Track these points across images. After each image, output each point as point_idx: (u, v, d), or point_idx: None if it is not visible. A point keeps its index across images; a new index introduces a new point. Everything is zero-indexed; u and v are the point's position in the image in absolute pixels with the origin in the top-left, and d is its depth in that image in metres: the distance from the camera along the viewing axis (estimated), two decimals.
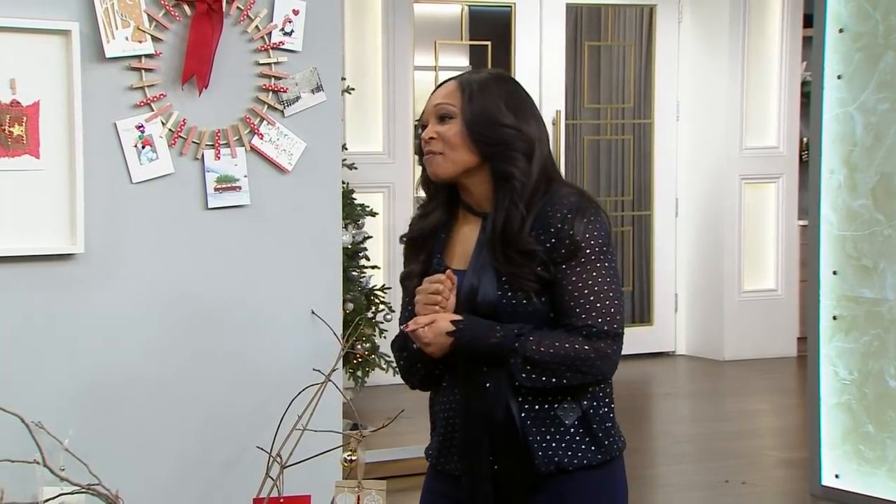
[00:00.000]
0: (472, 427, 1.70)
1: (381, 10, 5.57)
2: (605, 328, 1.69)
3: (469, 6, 6.02)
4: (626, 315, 6.44)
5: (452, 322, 1.68)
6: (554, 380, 1.68)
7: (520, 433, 1.68)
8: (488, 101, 1.72)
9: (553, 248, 1.69)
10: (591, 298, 1.68)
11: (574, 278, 1.68)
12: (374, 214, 4.99)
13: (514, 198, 1.70)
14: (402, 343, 1.81)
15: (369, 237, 4.93)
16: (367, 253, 4.92)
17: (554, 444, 1.68)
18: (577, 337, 1.67)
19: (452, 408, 1.75)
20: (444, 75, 6.10)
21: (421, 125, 1.79)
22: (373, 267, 4.94)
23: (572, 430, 1.69)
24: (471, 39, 6.05)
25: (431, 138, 1.74)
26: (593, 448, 1.70)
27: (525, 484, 1.69)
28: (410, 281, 1.81)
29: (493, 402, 1.68)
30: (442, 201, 1.80)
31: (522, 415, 1.68)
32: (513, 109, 1.73)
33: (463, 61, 6.42)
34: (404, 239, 1.86)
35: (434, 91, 1.82)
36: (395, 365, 4.64)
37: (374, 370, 4.79)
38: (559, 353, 1.66)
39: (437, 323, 1.69)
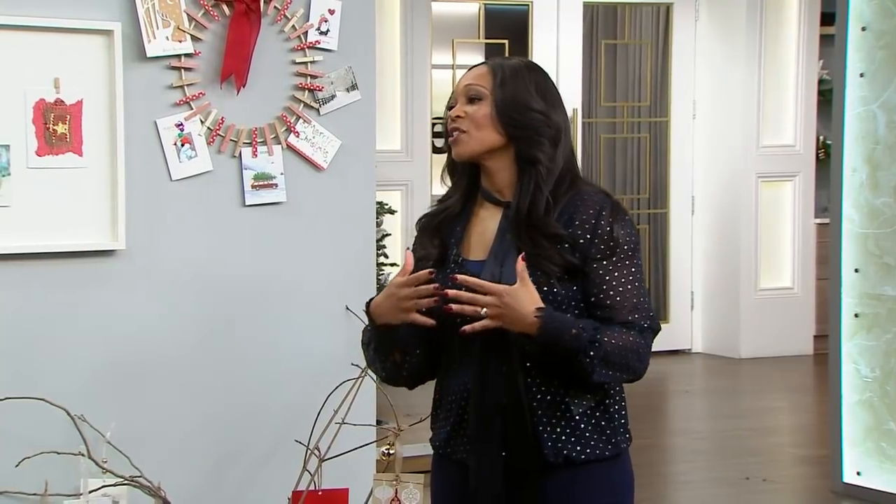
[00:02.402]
0: (484, 414, 1.71)
1: (399, 9, 5.59)
2: (649, 324, 1.72)
3: (486, 5, 6.04)
4: None
5: (537, 308, 1.64)
6: (619, 374, 1.69)
7: (530, 422, 1.69)
8: (519, 86, 1.73)
9: (590, 243, 1.70)
10: (629, 296, 1.71)
11: (610, 277, 1.70)
12: (392, 212, 5.01)
13: (540, 182, 1.71)
14: (369, 337, 1.79)
15: (387, 234, 4.96)
16: (385, 250, 4.94)
17: (564, 437, 1.70)
18: (631, 331, 1.70)
19: (465, 395, 1.75)
20: (461, 74, 6.12)
21: (449, 105, 1.80)
22: (391, 264, 4.96)
23: (583, 423, 1.71)
24: (488, 38, 6.07)
25: (458, 117, 1.75)
26: (601, 441, 1.72)
27: (532, 474, 1.70)
28: (426, 264, 1.79)
29: (506, 389, 1.70)
30: (462, 190, 1.81)
31: (534, 404, 1.70)
32: (542, 96, 1.75)
33: (479, 60, 6.43)
34: (420, 222, 1.85)
35: (465, 73, 1.82)
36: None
37: None
38: (626, 346, 1.68)
39: (521, 296, 1.62)
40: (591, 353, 1.65)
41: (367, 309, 1.78)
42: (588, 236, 1.71)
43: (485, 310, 1.65)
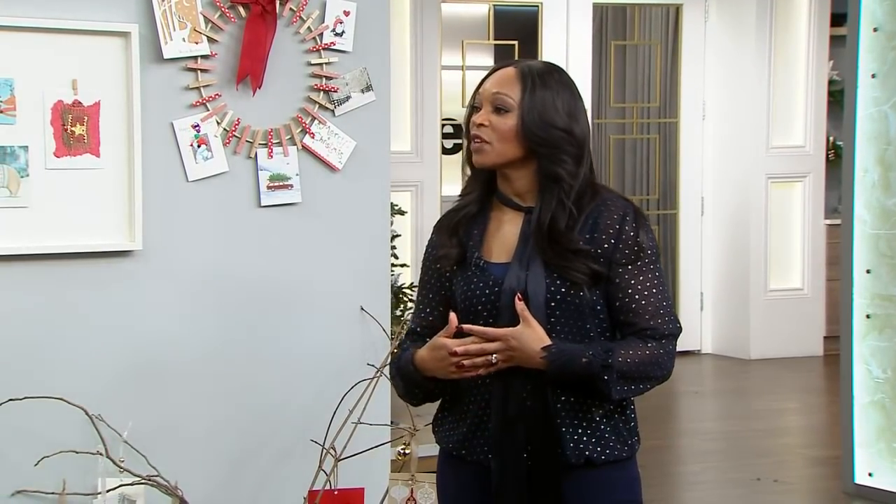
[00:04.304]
0: (508, 417, 1.72)
1: (409, 10, 5.60)
2: (672, 328, 1.75)
3: (495, 6, 6.04)
4: None
5: (543, 348, 1.68)
6: (640, 386, 1.73)
7: (554, 425, 1.71)
8: (546, 100, 1.72)
9: (614, 248, 1.72)
10: (654, 301, 1.73)
11: (635, 282, 1.73)
12: (402, 213, 5.02)
13: (562, 197, 1.72)
14: (397, 369, 1.81)
15: (398, 235, 4.96)
16: (395, 251, 4.95)
17: (585, 438, 1.72)
18: (649, 342, 1.72)
19: (486, 398, 1.76)
20: (471, 75, 6.13)
21: (473, 106, 1.78)
22: (401, 265, 4.97)
23: (602, 424, 1.73)
24: (497, 39, 6.08)
25: (482, 125, 1.74)
26: (619, 443, 1.75)
27: (553, 475, 1.71)
28: (445, 263, 1.80)
29: (530, 393, 1.71)
30: (479, 189, 1.81)
31: (558, 406, 1.71)
32: (567, 110, 1.73)
33: (489, 61, 6.44)
34: (437, 225, 1.85)
35: (492, 73, 1.77)
36: None
37: None
38: (643, 360, 1.71)
39: (527, 337, 1.67)
40: (605, 376, 1.68)
41: (413, 362, 1.77)
42: (612, 241, 1.72)
43: (495, 356, 1.69)
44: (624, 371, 1.69)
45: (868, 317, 3.77)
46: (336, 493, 2.25)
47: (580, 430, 1.72)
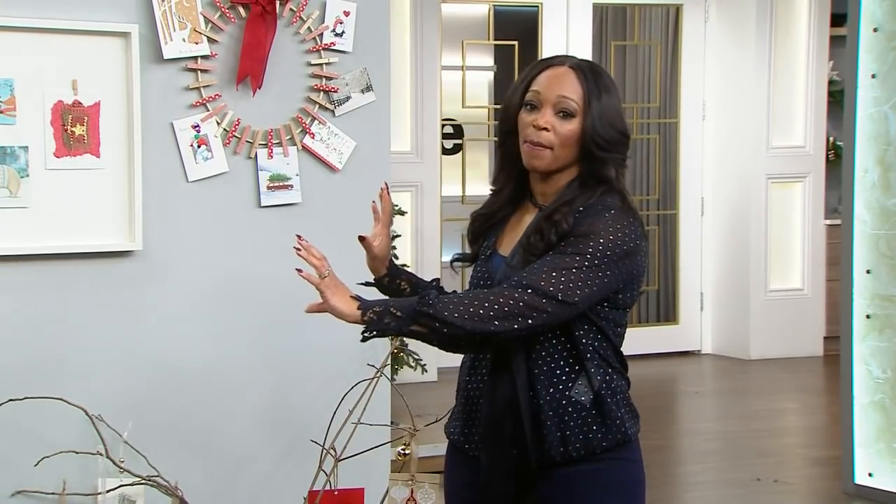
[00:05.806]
0: (494, 415, 1.73)
1: (409, 10, 5.60)
2: (539, 285, 1.62)
3: (495, 6, 6.05)
4: (650, 314, 6.46)
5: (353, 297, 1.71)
6: (465, 322, 1.61)
7: (530, 421, 1.70)
8: (610, 105, 1.72)
9: (568, 231, 1.69)
10: (550, 267, 1.62)
11: (551, 256, 1.66)
12: (402, 213, 5.02)
13: (590, 197, 1.71)
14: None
15: (398, 236, 4.97)
16: (395, 251, 4.95)
17: (568, 432, 1.71)
18: (505, 289, 1.63)
19: (479, 388, 1.77)
20: (471, 75, 6.13)
21: (531, 103, 1.73)
22: (402, 266, 4.96)
23: (584, 413, 1.71)
24: (497, 39, 6.08)
25: (545, 129, 1.71)
26: (602, 433, 1.72)
27: (540, 470, 1.72)
28: (460, 264, 1.87)
29: (516, 390, 1.71)
30: (510, 191, 1.81)
31: (540, 402, 1.71)
32: (621, 112, 1.74)
33: (489, 61, 6.45)
34: (471, 218, 1.86)
35: (543, 70, 1.74)
36: (423, 363, 4.68)
37: (402, 368, 4.83)
38: (468, 295, 1.63)
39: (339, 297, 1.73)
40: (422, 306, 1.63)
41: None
42: (573, 225, 1.69)
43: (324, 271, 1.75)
44: (449, 305, 1.61)
45: (868, 317, 3.78)
46: (336, 493, 2.25)
47: (563, 425, 1.71)
